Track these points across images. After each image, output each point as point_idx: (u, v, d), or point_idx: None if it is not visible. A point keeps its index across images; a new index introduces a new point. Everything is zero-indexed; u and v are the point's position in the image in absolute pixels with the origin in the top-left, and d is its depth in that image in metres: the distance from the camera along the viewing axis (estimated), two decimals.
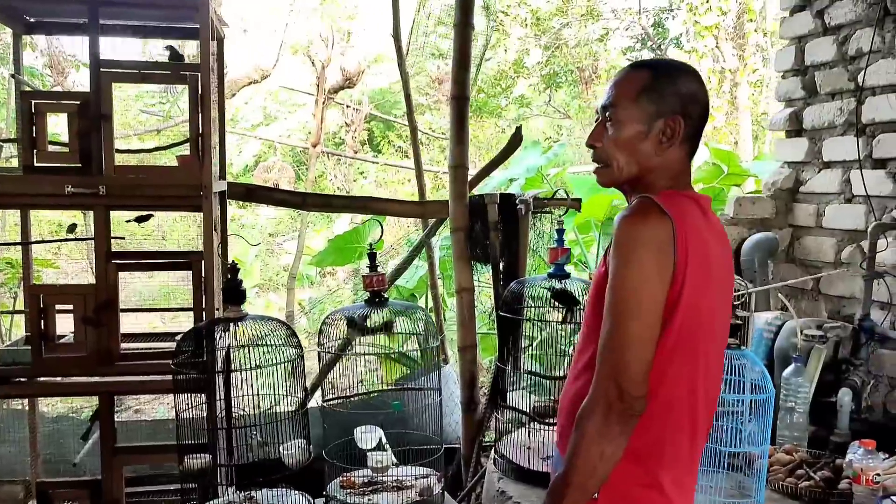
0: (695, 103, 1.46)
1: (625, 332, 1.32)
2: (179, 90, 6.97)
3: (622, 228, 1.36)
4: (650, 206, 1.37)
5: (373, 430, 2.58)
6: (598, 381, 1.34)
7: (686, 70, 1.50)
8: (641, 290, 1.33)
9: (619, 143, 1.46)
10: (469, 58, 3.20)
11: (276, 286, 11.03)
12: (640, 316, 1.32)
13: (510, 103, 12.10)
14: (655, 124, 1.44)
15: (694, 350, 1.40)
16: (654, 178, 1.47)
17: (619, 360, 1.32)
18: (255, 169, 8.83)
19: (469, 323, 3.20)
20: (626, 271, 1.33)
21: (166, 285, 4.67)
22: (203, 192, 2.44)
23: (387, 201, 3.51)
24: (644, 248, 1.33)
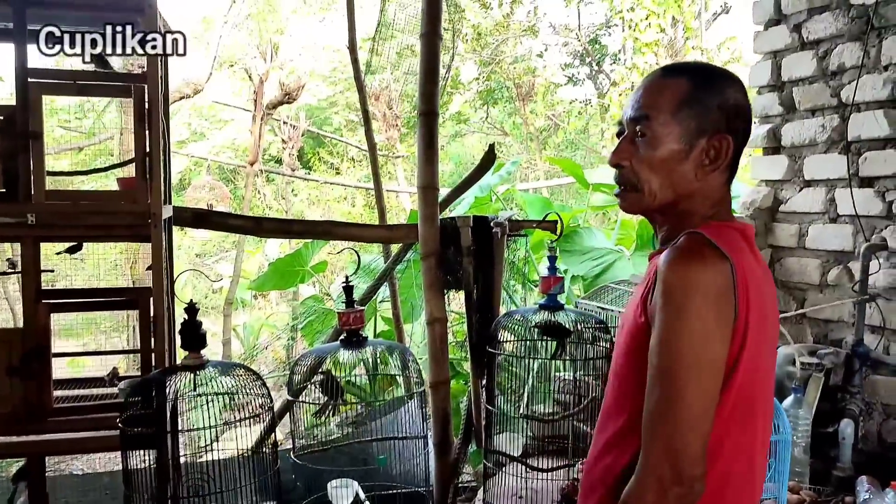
0: (742, 120, 1.26)
1: (681, 403, 1.10)
2: (103, 104, 6.52)
3: (674, 273, 1.12)
4: (704, 244, 1.15)
5: (348, 485, 2.30)
6: (648, 461, 1.12)
7: (730, 78, 1.28)
8: (701, 350, 1.10)
9: (654, 163, 1.24)
10: (437, 70, 2.98)
11: (207, 310, 10.55)
12: (700, 383, 1.10)
13: (447, 120, 11.95)
14: (698, 143, 1.23)
15: (752, 417, 1.20)
16: (692, 206, 1.26)
17: (674, 437, 1.09)
18: (185, 189, 8.39)
19: (441, 357, 2.95)
20: (682, 327, 1.10)
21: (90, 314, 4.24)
22: (151, 219, 2.13)
23: (351, 226, 3.25)
24: (703, 297, 1.10)
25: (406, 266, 3.81)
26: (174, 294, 2.48)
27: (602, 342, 2.39)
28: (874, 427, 2.73)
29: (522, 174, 10.42)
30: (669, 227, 1.30)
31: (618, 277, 3.94)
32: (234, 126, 12.41)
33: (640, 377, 1.17)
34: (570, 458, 2.54)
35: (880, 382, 2.70)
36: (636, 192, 1.28)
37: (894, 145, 2.67)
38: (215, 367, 1.97)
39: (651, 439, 1.12)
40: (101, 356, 2.84)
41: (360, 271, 4.17)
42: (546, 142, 11.58)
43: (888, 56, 2.66)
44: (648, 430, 1.12)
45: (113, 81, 2.23)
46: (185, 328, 1.93)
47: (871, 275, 2.69)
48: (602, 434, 1.30)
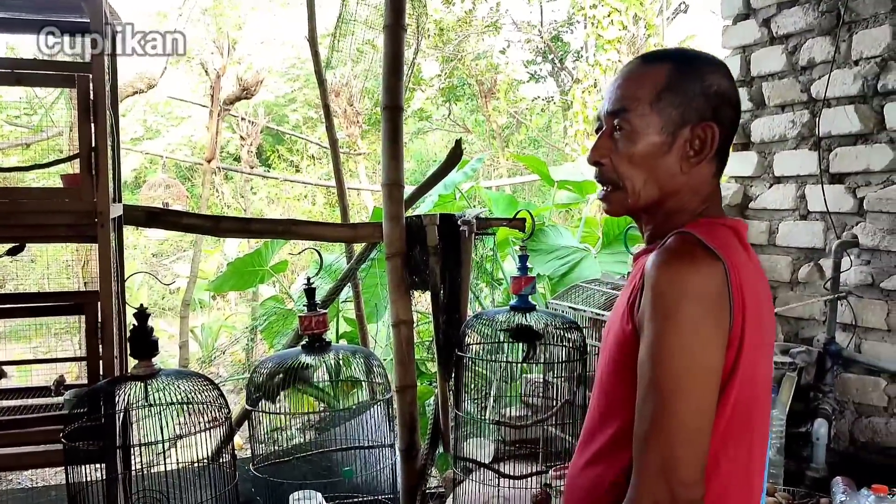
0: (729, 106, 1.17)
1: (675, 419, 1.00)
2: (52, 99, 6.28)
3: (664, 277, 1.03)
4: (695, 244, 1.06)
5: (311, 497, 2.19)
6: (642, 481, 1.02)
7: (714, 62, 1.19)
8: (696, 360, 1.01)
9: (635, 158, 1.15)
10: (402, 63, 2.87)
11: (164, 311, 10.28)
12: (696, 396, 1.01)
13: (409, 117, 11.83)
14: (681, 133, 1.14)
15: (749, 431, 1.10)
16: (680, 202, 1.17)
17: (669, 454, 1.00)
18: (139, 187, 8.14)
19: (408, 360, 2.85)
20: (674, 336, 1.01)
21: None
22: (98, 219, 1.99)
23: (313, 224, 3.12)
24: (696, 303, 1.01)
25: (370, 266, 3.70)
26: (125, 297, 2.35)
27: (573, 343, 2.32)
28: (846, 426, 2.71)
29: (486, 172, 10.36)
30: (655, 226, 1.22)
31: (584, 276, 3.88)
32: (191, 123, 12.15)
33: (628, 388, 1.08)
34: (541, 464, 2.47)
35: (852, 381, 2.68)
36: (619, 192, 1.19)
37: (865, 141, 2.64)
38: (168, 377, 1.84)
39: (644, 458, 1.02)
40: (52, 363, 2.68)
41: (322, 271, 4.05)
42: (509, 139, 11.54)
43: (858, 51, 2.64)
44: (641, 448, 1.03)
45: (55, 70, 2.07)
46: (135, 335, 1.80)
47: (843, 272, 2.66)
48: (589, 444, 1.21)
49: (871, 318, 2.63)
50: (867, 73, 2.60)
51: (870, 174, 2.62)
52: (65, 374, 2.44)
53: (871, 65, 2.59)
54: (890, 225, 2.55)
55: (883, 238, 2.57)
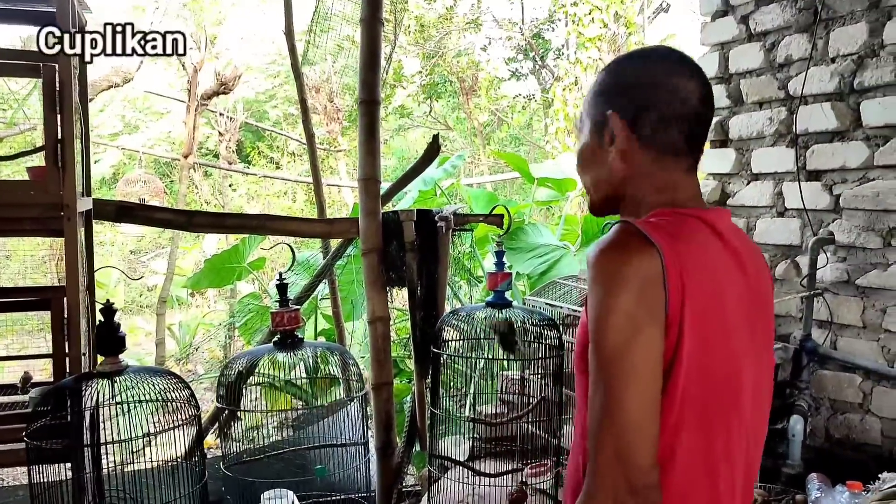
0: (650, 88, 1.14)
1: (621, 404, 1.00)
2: (25, 93, 6.17)
3: (595, 265, 1.05)
4: (630, 232, 1.06)
5: (283, 496, 2.16)
6: (597, 470, 1.01)
7: (641, 54, 1.23)
8: (632, 344, 1.00)
9: (583, 163, 1.24)
10: (379, 57, 2.84)
11: (141, 308, 10.18)
12: (635, 382, 1.00)
13: (389, 114, 11.79)
14: (604, 130, 1.18)
15: (710, 426, 1.08)
16: (635, 193, 1.17)
17: (619, 442, 0.99)
18: (117, 182, 8.04)
19: (384, 357, 2.82)
20: (608, 321, 1.01)
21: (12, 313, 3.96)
22: (65, 212, 1.95)
23: (288, 220, 3.09)
24: (626, 289, 1.01)
25: (346, 262, 3.66)
26: (94, 293, 2.30)
27: (550, 340, 2.30)
28: (821, 423, 2.71)
29: (467, 169, 10.34)
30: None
31: (563, 274, 3.87)
32: (170, 118, 12.03)
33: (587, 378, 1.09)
34: (517, 462, 2.45)
35: (827, 378, 2.68)
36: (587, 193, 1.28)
37: (841, 138, 2.65)
38: (135, 373, 1.80)
39: (597, 447, 1.01)
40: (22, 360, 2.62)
41: (299, 268, 4.01)
42: (490, 137, 11.53)
43: (835, 48, 2.64)
44: (594, 436, 1.02)
45: (19, 60, 2.02)
46: (101, 331, 1.76)
47: (819, 269, 2.66)
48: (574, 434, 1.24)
49: (847, 315, 2.63)
50: (844, 70, 2.61)
51: (846, 171, 2.63)
52: (36, 372, 2.39)
53: (847, 62, 2.60)
54: (865, 222, 2.55)
55: (859, 235, 2.57)
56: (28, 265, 4.30)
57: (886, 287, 2.49)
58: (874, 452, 2.53)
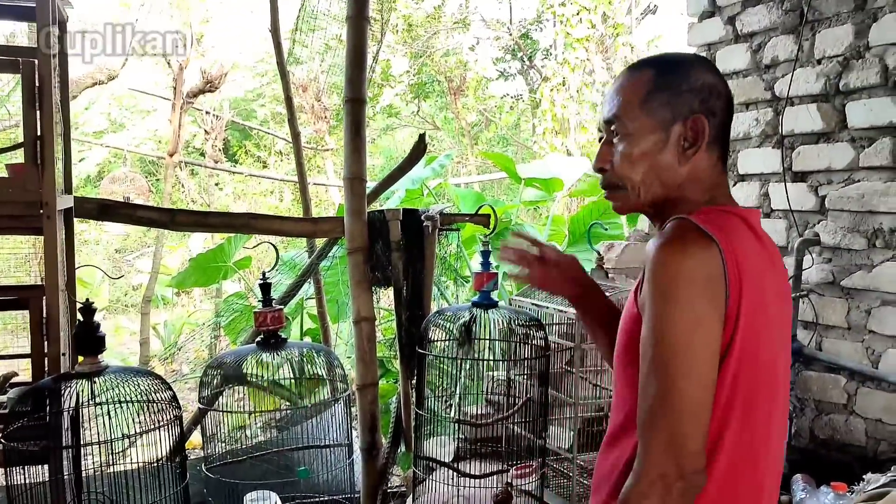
0: (715, 96, 1.22)
1: (677, 395, 1.05)
2: (7, 89, 6.12)
3: (659, 260, 1.10)
4: (690, 229, 1.11)
5: (266, 497, 2.14)
6: (648, 457, 1.07)
7: (697, 60, 1.27)
8: (692, 338, 1.06)
9: (634, 159, 1.22)
10: (365, 55, 2.81)
11: (126, 308, 10.09)
12: (695, 372, 1.06)
13: (377, 113, 11.75)
14: (673, 129, 1.21)
15: (754, 411, 1.14)
16: (684, 194, 1.22)
17: (674, 431, 1.05)
18: (101, 181, 7.97)
19: (369, 358, 2.79)
20: (671, 315, 1.07)
21: None
22: (44, 209, 1.92)
23: (273, 218, 3.06)
24: (690, 283, 1.07)
25: (332, 262, 3.64)
26: (75, 292, 2.27)
27: (536, 340, 2.29)
28: (806, 424, 2.72)
29: (454, 169, 10.33)
30: (665, 219, 1.25)
31: None
32: (156, 116, 11.93)
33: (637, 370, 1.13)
34: (503, 463, 2.44)
35: (813, 378, 2.69)
36: (621, 190, 1.26)
37: (827, 139, 2.65)
38: (115, 373, 1.77)
39: (650, 433, 1.07)
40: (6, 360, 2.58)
41: (284, 267, 3.98)
42: (477, 137, 11.52)
43: (821, 49, 2.64)
44: (646, 424, 1.08)
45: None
46: (81, 330, 1.73)
47: (804, 270, 2.67)
48: (609, 431, 1.28)
49: (832, 316, 2.64)
50: (829, 71, 2.61)
51: (831, 172, 2.63)
52: (18, 372, 2.35)
53: (833, 63, 2.60)
54: (851, 223, 2.56)
55: (844, 236, 2.58)
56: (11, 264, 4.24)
57: (871, 288, 2.50)
58: (859, 453, 2.54)
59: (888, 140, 2.44)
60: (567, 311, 2.28)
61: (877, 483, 2.09)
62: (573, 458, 2.29)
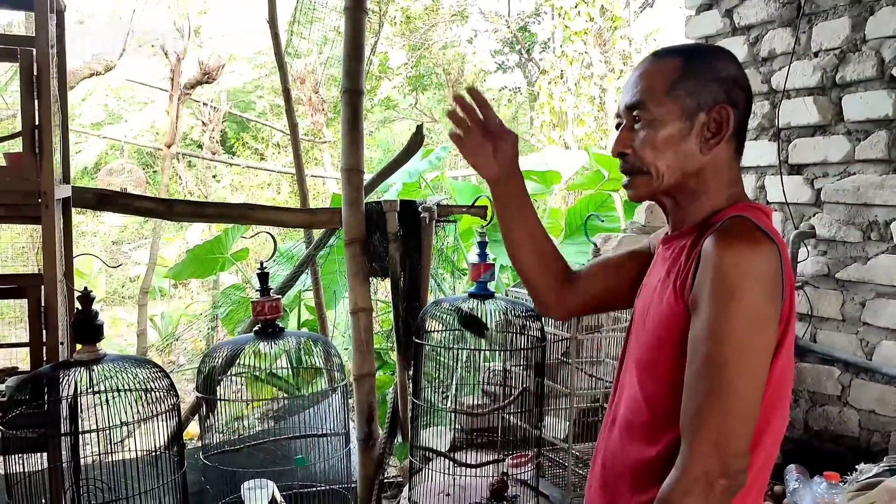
0: (740, 89, 1.23)
1: (731, 395, 1.05)
2: (4, 80, 6.10)
3: (728, 258, 1.07)
4: (755, 229, 1.12)
5: (263, 485, 2.15)
6: (695, 455, 1.06)
7: (722, 51, 1.26)
8: (755, 339, 1.06)
9: (658, 144, 1.21)
10: (362, 47, 2.82)
11: (123, 299, 10.09)
12: (752, 373, 1.06)
13: (375, 105, 11.74)
14: (697, 118, 1.20)
15: (786, 404, 1.17)
16: (702, 185, 1.22)
17: (723, 430, 1.05)
18: (98, 172, 7.96)
19: (366, 348, 2.81)
20: (738, 315, 1.06)
21: None
22: (42, 198, 1.92)
23: (270, 209, 3.06)
24: (758, 282, 1.06)
25: (329, 253, 3.65)
26: (72, 280, 2.27)
27: (532, 331, 2.30)
28: (800, 415, 2.74)
29: (452, 162, 10.32)
30: (681, 210, 1.27)
31: None
32: (154, 108, 11.90)
33: (675, 366, 1.13)
34: (499, 453, 2.45)
35: (807, 370, 2.70)
36: (644, 175, 1.25)
37: (823, 132, 2.66)
38: (113, 362, 1.78)
39: (698, 432, 1.07)
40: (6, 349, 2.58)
41: (282, 258, 3.99)
42: None
43: (818, 42, 2.65)
44: (695, 422, 1.07)
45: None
46: (79, 319, 1.74)
47: (800, 262, 2.68)
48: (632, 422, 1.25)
49: (827, 308, 2.65)
50: (826, 64, 2.62)
51: (827, 165, 2.64)
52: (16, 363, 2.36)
53: (830, 56, 2.61)
54: (846, 216, 2.57)
55: (839, 229, 2.59)
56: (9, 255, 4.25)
57: (865, 280, 2.51)
58: (852, 444, 2.56)
59: (884, 133, 2.45)
60: None
61: (869, 473, 2.11)
62: (569, 448, 2.31)
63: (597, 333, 2.62)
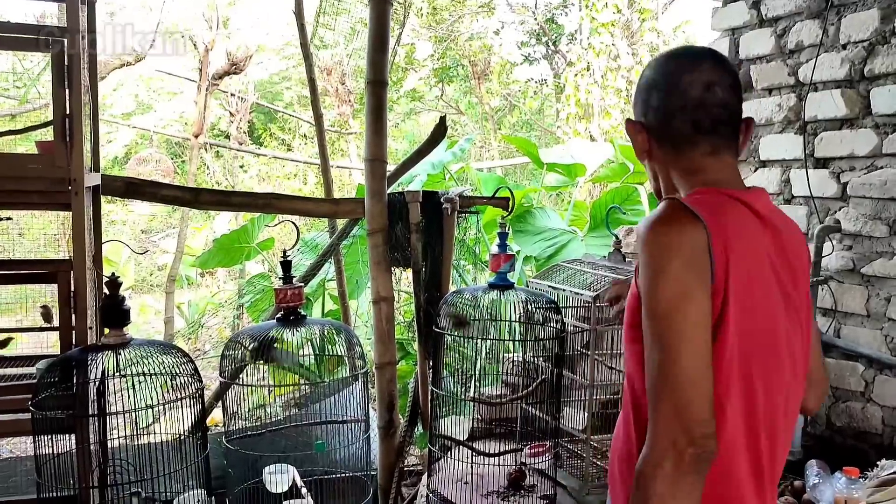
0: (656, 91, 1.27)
1: (677, 363, 1.09)
2: (37, 70, 6.19)
3: (647, 237, 1.14)
4: (676, 207, 1.16)
5: (284, 470, 2.18)
6: (658, 426, 1.10)
7: (656, 58, 1.32)
8: (683, 308, 1.10)
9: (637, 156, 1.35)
10: (387, 37, 2.84)
11: (151, 287, 10.23)
12: (690, 340, 1.09)
13: (401, 97, 11.75)
14: (641, 135, 1.31)
15: (750, 383, 1.17)
16: (671, 181, 1.30)
17: (677, 399, 1.08)
18: (128, 161, 8.07)
19: (388, 337, 2.84)
20: (661, 288, 1.11)
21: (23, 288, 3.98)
22: (72, 186, 1.97)
23: (294, 198, 3.09)
24: (676, 258, 1.11)
25: (352, 242, 3.67)
26: (101, 267, 2.32)
27: (552, 322, 2.31)
28: (823, 410, 2.72)
29: (477, 154, 10.32)
30: None
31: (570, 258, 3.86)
32: (183, 98, 12.02)
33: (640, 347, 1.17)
34: (517, 443, 2.47)
35: (830, 366, 2.68)
36: None
37: (850, 125, 2.63)
38: (140, 346, 1.82)
39: (657, 404, 1.10)
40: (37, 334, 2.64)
41: (305, 248, 4.02)
42: (501, 121, 11.48)
43: (847, 34, 2.62)
44: (653, 395, 1.11)
45: (26, 34, 2.03)
46: (107, 303, 1.78)
47: (824, 257, 2.66)
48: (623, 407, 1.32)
49: (851, 304, 2.63)
50: (854, 57, 2.59)
51: (854, 159, 2.62)
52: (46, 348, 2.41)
53: (858, 49, 2.58)
54: (872, 210, 2.54)
55: (865, 223, 2.57)
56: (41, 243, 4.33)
57: (891, 276, 2.49)
58: (875, 441, 2.54)
59: None
60: (582, 294, 2.30)
61: (891, 469, 2.09)
62: (587, 439, 2.31)
63: (616, 325, 2.62)
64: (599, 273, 2.38)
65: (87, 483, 1.90)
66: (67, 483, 1.84)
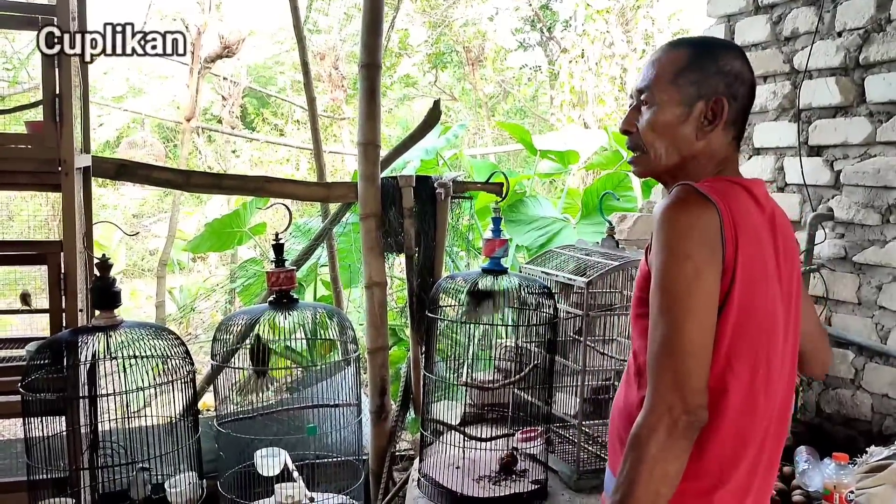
0: (740, 83, 1.34)
1: (680, 337, 1.17)
2: (27, 52, 6.14)
3: (664, 219, 1.22)
4: (691, 192, 1.24)
5: (276, 454, 2.18)
6: (657, 393, 1.18)
7: (729, 47, 1.38)
8: (694, 285, 1.18)
9: (657, 127, 1.35)
10: (381, 21, 2.82)
11: (142, 272, 10.20)
12: (697, 316, 1.18)
13: (394, 82, 11.69)
14: (696, 106, 1.33)
15: (753, 357, 1.25)
16: (697, 166, 1.35)
17: (678, 369, 1.17)
18: (119, 145, 8.02)
19: (380, 322, 2.84)
20: (675, 266, 1.19)
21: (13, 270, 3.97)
22: (62, 167, 1.95)
23: (286, 182, 3.08)
24: (690, 238, 1.20)
25: (345, 227, 3.66)
26: (91, 248, 2.31)
27: (545, 308, 2.31)
28: (813, 397, 2.73)
29: (471, 140, 10.29)
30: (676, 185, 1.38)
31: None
32: (175, 82, 11.92)
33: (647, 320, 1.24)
34: (509, 428, 2.47)
35: None
36: (644, 155, 1.38)
37: (844, 113, 2.63)
38: (131, 328, 1.81)
39: (658, 372, 1.18)
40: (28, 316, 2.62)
41: (298, 232, 4.00)
42: (495, 108, 11.45)
43: (842, 22, 2.61)
44: (654, 364, 1.19)
45: (17, 12, 2.00)
46: (97, 285, 1.77)
47: (817, 245, 2.66)
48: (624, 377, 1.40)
49: (843, 291, 2.64)
50: (850, 44, 2.58)
51: (848, 147, 2.62)
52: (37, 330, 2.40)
53: (853, 36, 2.57)
54: (865, 198, 2.55)
55: (858, 212, 2.57)
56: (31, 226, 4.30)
57: (883, 264, 2.49)
58: (864, 428, 2.55)
59: None
60: (574, 280, 2.30)
61: (880, 455, 2.10)
62: (578, 425, 2.32)
63: (609, 312, 2.62)
64: (590, 258, 2.38)
65: (77, 465, 1.89)
66: (58, 465, 1.83)
